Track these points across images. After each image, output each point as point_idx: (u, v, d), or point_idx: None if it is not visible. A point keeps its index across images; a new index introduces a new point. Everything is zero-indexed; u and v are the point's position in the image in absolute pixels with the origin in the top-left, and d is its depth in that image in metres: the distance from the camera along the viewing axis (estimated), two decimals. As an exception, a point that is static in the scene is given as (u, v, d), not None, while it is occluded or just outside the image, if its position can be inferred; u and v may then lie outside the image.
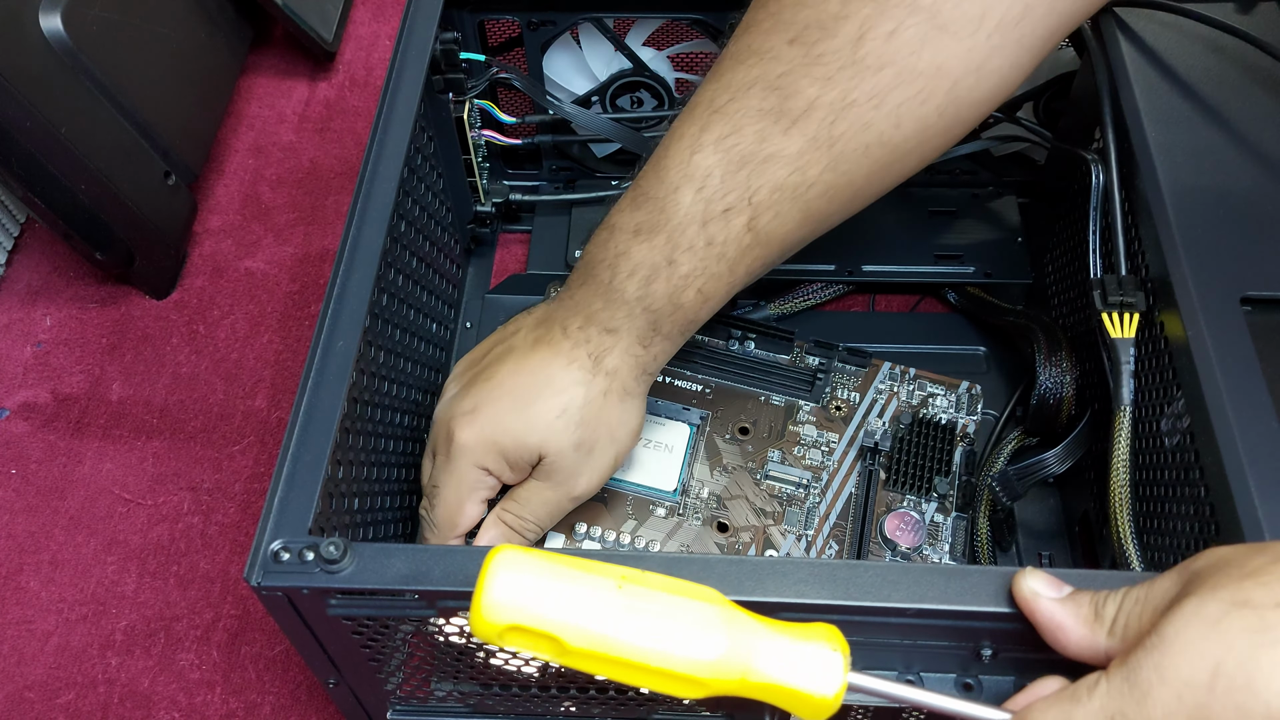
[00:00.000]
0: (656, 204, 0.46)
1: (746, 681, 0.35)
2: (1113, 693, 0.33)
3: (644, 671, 0.35)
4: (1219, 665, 0.30)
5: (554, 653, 0.35)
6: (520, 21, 0.63)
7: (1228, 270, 0.46)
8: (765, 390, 0.61)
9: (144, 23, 0.71)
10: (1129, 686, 0.32)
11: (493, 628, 0.35)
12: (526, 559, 0.35)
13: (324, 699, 0.57)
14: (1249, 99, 0.53)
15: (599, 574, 0.36)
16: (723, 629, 0.35)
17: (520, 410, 0.48)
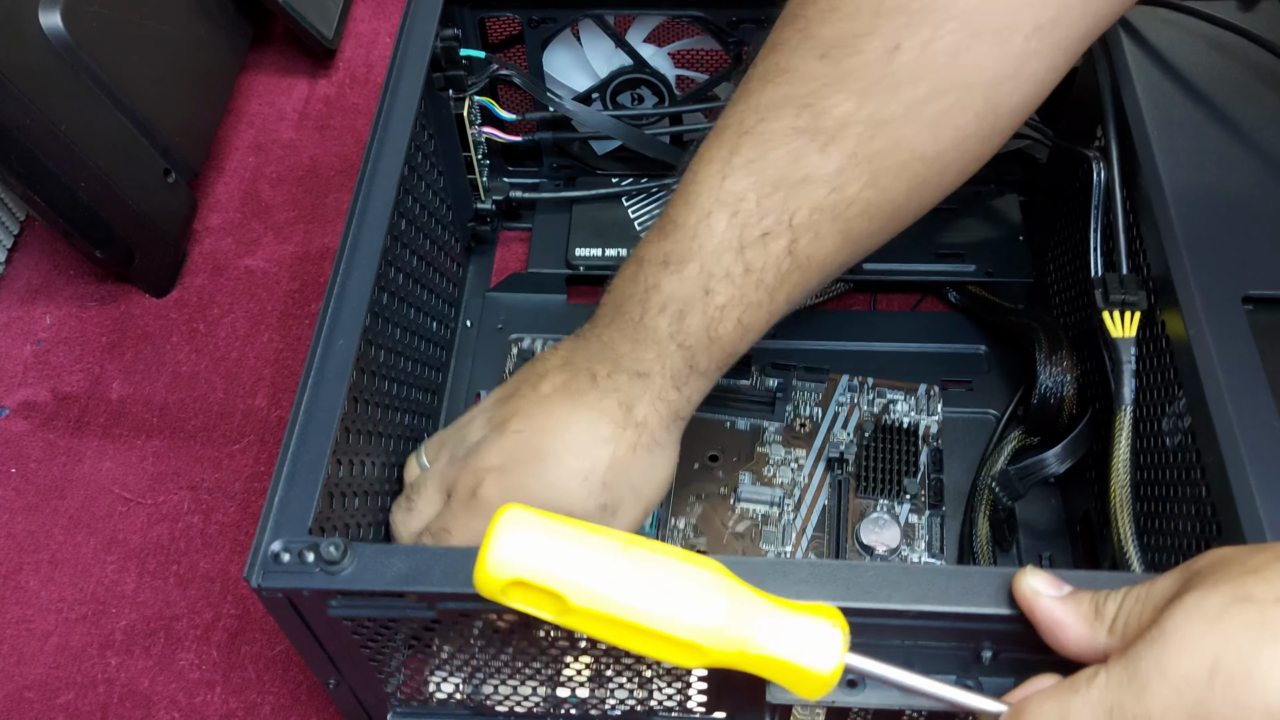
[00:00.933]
0: (687, 231, 0.44)
1: (745, 653, 0.35)
2: (1111, 685, 0.32)
3: (644, 635, 0.35)
4: (1218, 660, 0.30)
5: (556, 611, 0.35)
6: (521, 18, 0.63)
7: (1229, 269, 0.46)
8: (730, 416, 0.61)
9: (144, 20, 0.71)
10: (1128, 678, 0.32)
11: (496, 582, 0.34)
12: (534, 518, 0.35)
13: (324, 699, 0.57)
14: (1251, 97, 0.53)
15: (605, 536, 0.35)
16: (724, 597, 0.35)
17: (545, 474, 0.45)
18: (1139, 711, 0.31)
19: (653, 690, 0.46)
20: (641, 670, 0.44)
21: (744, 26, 0.62)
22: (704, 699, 0.46)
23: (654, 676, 0.45)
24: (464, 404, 0.64)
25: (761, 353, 0.64)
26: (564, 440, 0.45)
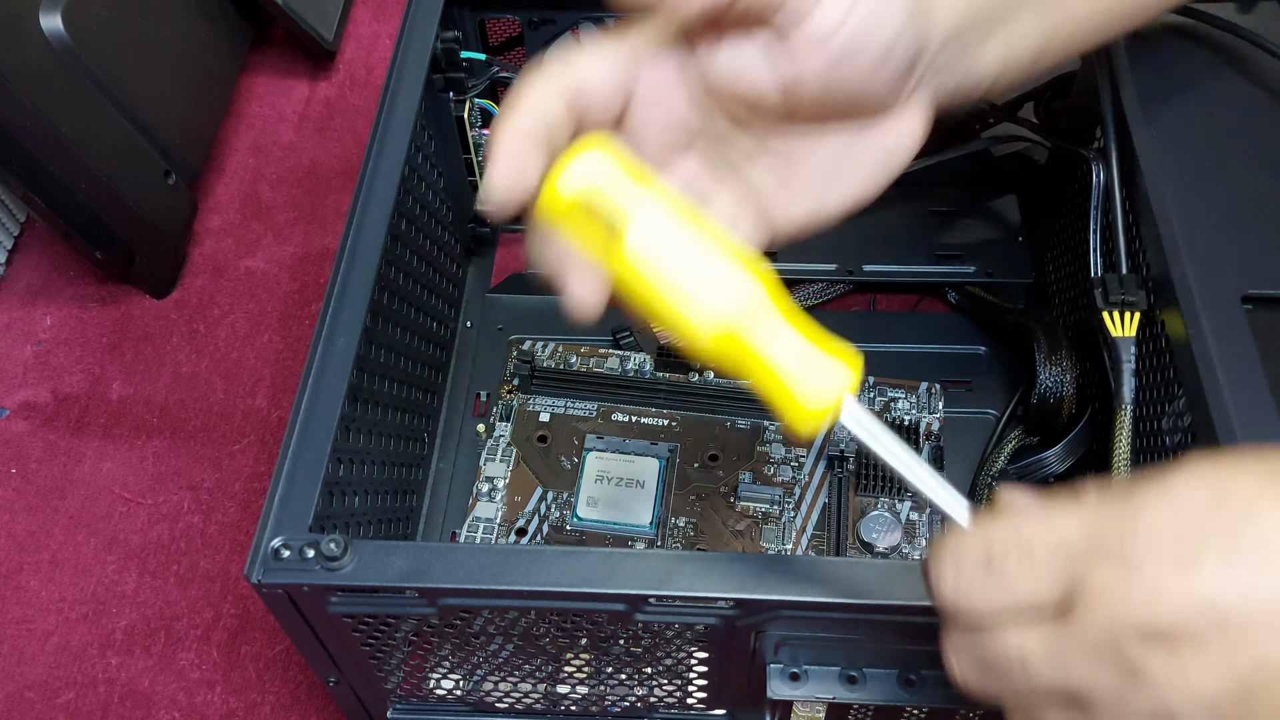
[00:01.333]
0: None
1: (751, 352, 0.34)
2: (1101, 502, 0.30)
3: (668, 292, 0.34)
4: (1226, 494, 0.28)
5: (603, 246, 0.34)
6: (521, 20, 0.63)
7: (1229, 269, 0.46)
8: (730, 416, 0.62)
9: (144, 22, 0.71)
10: (1122, 499, 0.30)
11: (560, 201, 0.34)
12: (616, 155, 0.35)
13: (324, 698, 0.57)
14: (1250, 98, 0.53)
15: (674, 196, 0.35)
16: (756, 289, 0.34)
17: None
18: (1125, 527, 0.29)
19: (653, 688, 0.46)
20: (641, 668, 0.44)
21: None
22: (704, 696, 0.47)
23: (654, 674, 0.45)
24: (464, 404, 0.64)
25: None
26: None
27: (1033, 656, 0.30)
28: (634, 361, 0.63)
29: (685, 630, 0.41)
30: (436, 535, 0.59)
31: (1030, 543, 0.30)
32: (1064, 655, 0.29)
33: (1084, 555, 0.29)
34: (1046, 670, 0.30)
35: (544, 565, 0.39)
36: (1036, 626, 0.30)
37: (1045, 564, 0.30)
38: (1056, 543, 0.30)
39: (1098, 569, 0.29)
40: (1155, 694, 0.28)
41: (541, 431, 0.61)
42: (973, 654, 0.32)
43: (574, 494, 0.59)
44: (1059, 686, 0.30)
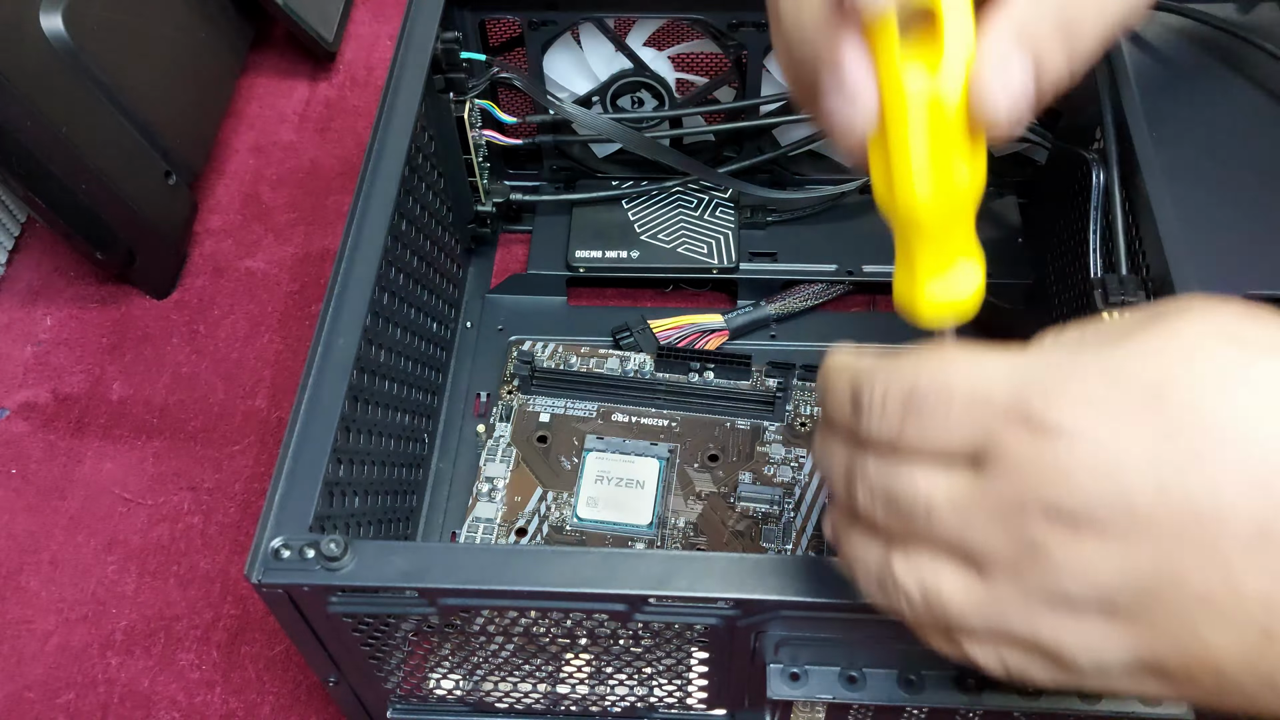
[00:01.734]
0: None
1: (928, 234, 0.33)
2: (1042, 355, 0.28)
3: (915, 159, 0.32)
4: (1170, 374, 0.26)
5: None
6: (521, 21, 0.63)
7: (1229, 269, 0.46)
8: (730, 416, 0.62)
9: (144, 23, 0.71)
10: (1063, 355, 0.28)
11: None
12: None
13: (324, 698, 0.57)
14: (1249, 99, 0.53)
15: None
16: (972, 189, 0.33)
17: None
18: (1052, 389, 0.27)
19: (653, 688, 0.46)
20: (641, 668, 0.44)
21: (744, 30, 0.62)
22: (704, 696, 0.47)
23: (654, 674, 0.45)
24: (464, 404, 0.64)
25: (761, 353, 0.64)
26: None
27: (938, 505, 0.29)
28: (634, 362, 0.63)
29: (685, 630, 0.41)
30: (436, 535, 0.59)
31: (951, 388, 0.29)
32: (968, 512, 0.28)
33: (1002, 413, 0.27)
34: (948, 521, 0.28)
35: (544, 565, 0.39)
36: (948, 474, 0.29)
37: (962, 414, 0.28)
38: (979, 393, 0.28)
39: (1011, 432, 0.27)
40: (1051, 573, 0.27)
41: (541, 432, 0.61)
42: (874, 482, 0.30)
43: (574, 494, 0.59)
44: (957, 541, 0.28)
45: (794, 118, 0.67)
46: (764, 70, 0.65)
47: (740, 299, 0.68)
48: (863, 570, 0.32)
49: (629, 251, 0.68)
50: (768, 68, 0.65)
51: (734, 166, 0.69)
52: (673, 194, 0.70)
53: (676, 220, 0.69)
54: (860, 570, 0.32)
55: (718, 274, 0.67)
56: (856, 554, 0.32)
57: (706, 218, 0.69)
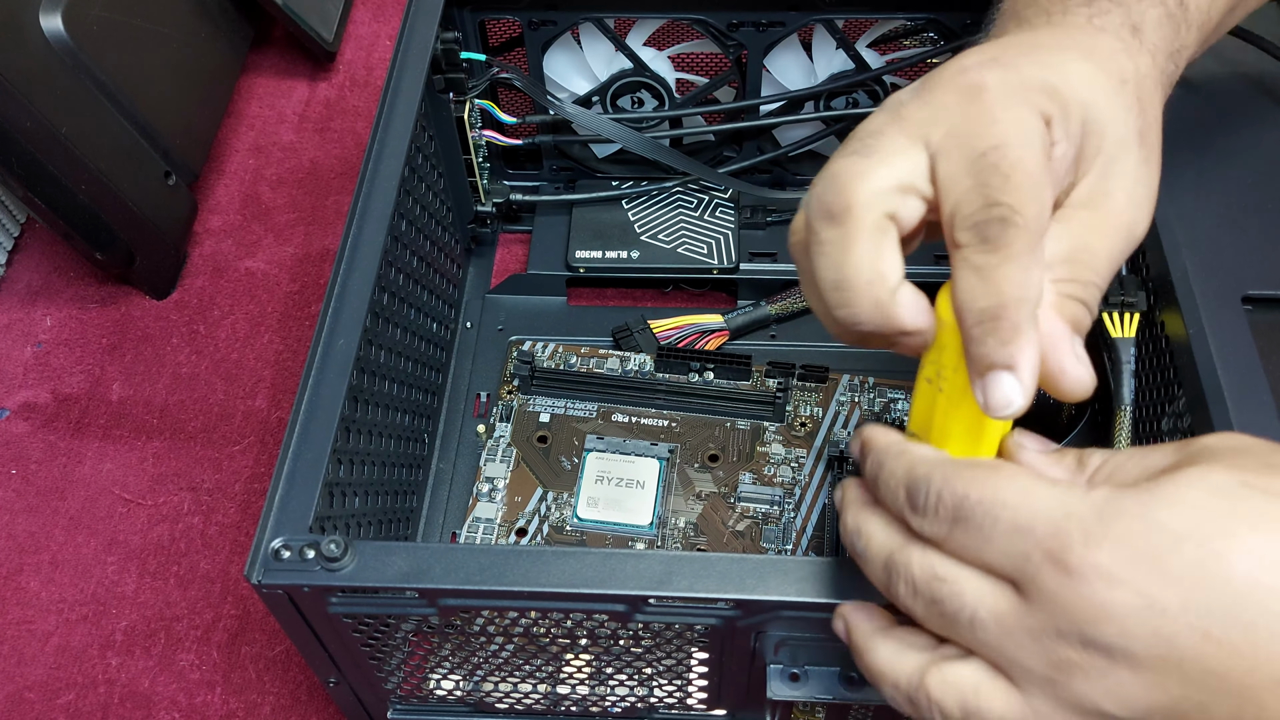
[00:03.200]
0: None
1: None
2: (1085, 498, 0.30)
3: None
4: (1199, 527, 0.28)
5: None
6: (521, 21, 0.63)
7: (1229, 269, 0.46)
8: (730, 416, 0.62)
9: (144, 23, 0.71)
10: (1104, 502, 0.29)
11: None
12: None
13: (324, 699, 0.57)
14: (1249, 98, 0.53)
15: None
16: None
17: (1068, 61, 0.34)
18: (1091, 533, 0.29)
19: (653, 688, 0.46)
20: (642, 669, 0.44)
21: (744, 30, 0.62)
22: (704, 696, 0.47)
23: (654, 675, 0.45)
24: (464, 404, 0.64)
25: (761, 353, 0.64)
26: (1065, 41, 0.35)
27: (983, 619, 0.30)
28: (634, 362, 0.63)
29: (685, 631, 0.41)
30: (437, 536, 0.59)
31: (998, 513, 0.30)
32: (1011, 629, 0.30)
33: (1043, 547, 0.29)
34: (991, 634, 0.30)
35: (544, 566, 0.39)
36: (994, 590, 0.31)
37: (1006, 540, 0.30)
38: (1023, 523, 0.30)
39: (1049, 568, 0.29)
40: (1088, 693, 0.29)
41: (541, 432, 0.61)
42: (919, 578, 0.32)
43: (574, 494, 0.59)
44: (997, 653, 0.30)
45: (794, 118, 0.67)
46: (764, 70, 0.65)
47: (740, 299, 0.68)
48: (892, 682, 0.33)
49: (629, 251, 0.68)
50: (767, 68, 0.65)
51: (734, 166, 0.69)
52: (673, 194, 0.70)
53: (676, 220, 0.69)
54: (889, 681, 0.33)
55: (718, 274, 0.67)
56: (889, 664, 0.33)
57: (706, 218, 0.69)
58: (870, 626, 0.35)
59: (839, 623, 0.36)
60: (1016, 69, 0.33)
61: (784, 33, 0.63)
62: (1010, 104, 0.33)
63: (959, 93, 0.33)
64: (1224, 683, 0.28)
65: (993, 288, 0.31)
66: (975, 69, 0.33)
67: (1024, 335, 0.31)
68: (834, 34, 0.63)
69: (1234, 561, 0.28)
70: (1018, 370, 0.31)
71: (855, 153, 0.34)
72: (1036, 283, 0.31)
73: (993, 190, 0.31)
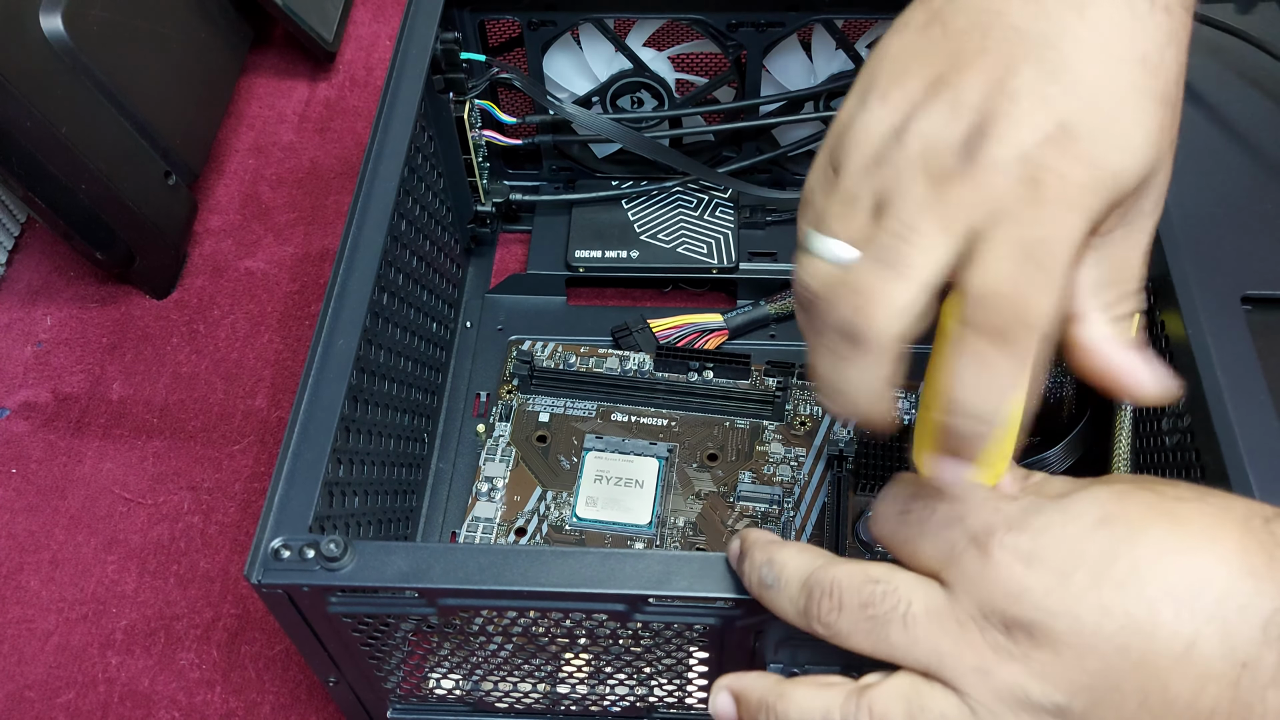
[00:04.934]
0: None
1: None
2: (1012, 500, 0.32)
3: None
4: (1110, 515, 0.31)
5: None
6: (521, 21, 0.63)
7: (1228, 269, 0.46)
8: (729, 416, 0.62)
9: (144, 23, 0.71)
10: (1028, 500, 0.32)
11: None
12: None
13: (324, 698, 0.57)
14: (1249, 99, 0.53)
15: None
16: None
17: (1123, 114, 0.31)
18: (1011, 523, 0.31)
19: (652, 688, 0.46)
20: (641, 668, 0.44)
21: (743, 30, 0.62)
22: (704, 696, 0.47)
23: (654, 674, 0.45)
24: (464, 404, 0.64)
25: (761, 353, 0.64)
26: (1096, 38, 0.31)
27: (916, 614, 0.32)
28: (634, 361, 0.63)
29: (685, 630, 0.41)
30: (436, 535, 0.59)
31: (935, 508, 0.33)
32: (943, 623, 0.31)
33: (966, 540, 0.32)
34: (922, 633, 0.32)
35: (544, 565, 0.39)
36: (925, 586, 0.32)
37: (936, 533, 0.32)
38: (954, 518, 0.32)
39: (970, 555, 0.31)
40: (1015, 678, 0.30)
41: (541, 431, 0.61)
42: (852, 584, 0.33)
43: (573, 494, 0.59)
44: (928, 651, 0.31)
45: (794, 118, 0.67)
46: (763, 70, 0.65)
47: (740, 299, 0.69)
48: (822, 711, 0.33)
49: (629, 251, 0.68)
50: (767, 68, 0.65)
51: (734, 166, 0.69)
52: (672, 194, 0.70)
53: (676, 220, 0.69)
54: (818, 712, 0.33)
55: (717, 274, 0.67)
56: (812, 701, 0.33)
57: (706, 218, 0.69)
58: (770, 680, 0.35)
59: (722, 697, 0.36)
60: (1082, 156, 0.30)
61: (783, 33, 0.63)
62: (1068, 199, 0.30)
63: (1019, 184, 0.30)
64: (1130, 659, 0.29)
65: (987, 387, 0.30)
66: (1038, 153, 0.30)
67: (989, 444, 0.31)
68: (834, 34, 0.63)
69: (1139, 545, 0.30)
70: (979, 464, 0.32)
71: (885, 261, 0.30)
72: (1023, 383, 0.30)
73: (1024, 281, 0.29)
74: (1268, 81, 0.54)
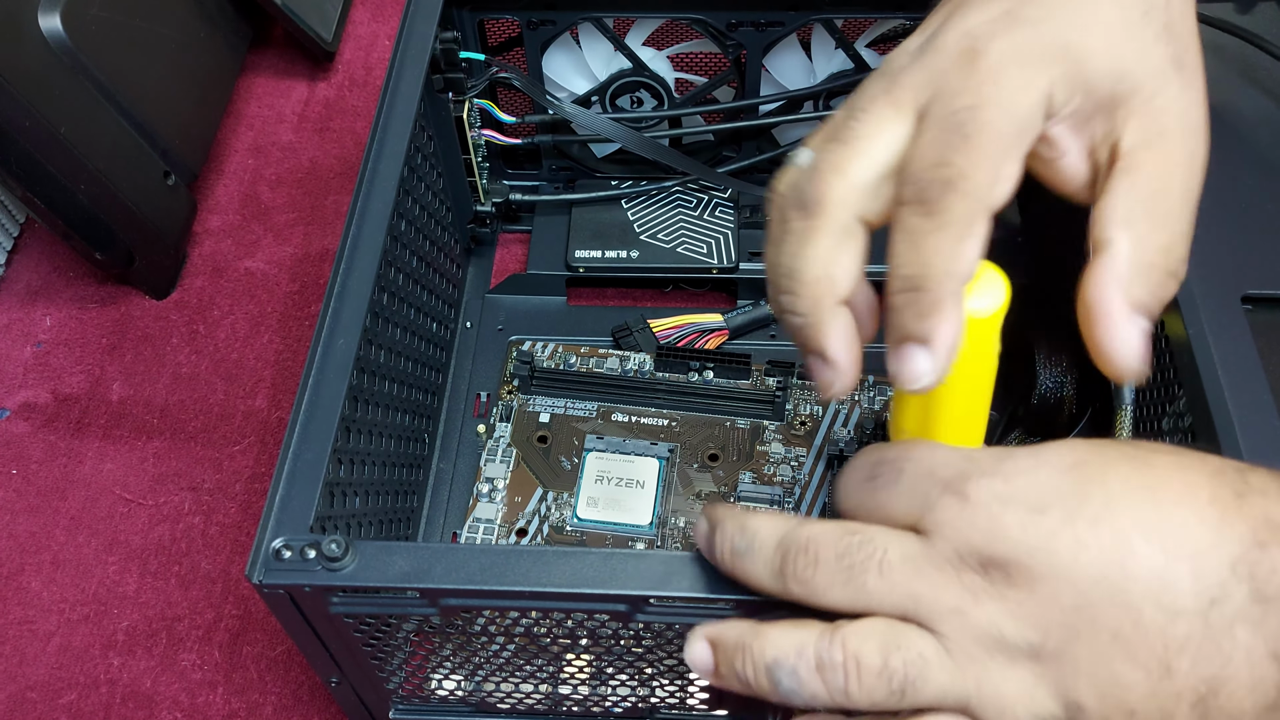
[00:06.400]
0: None
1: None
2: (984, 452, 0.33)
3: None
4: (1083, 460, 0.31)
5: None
6: (520, 21, 0.63)
7: (1228, 269, 0.46)
8: (730, 416, 0.62)
9: (144, 23, 0.71)
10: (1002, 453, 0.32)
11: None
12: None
13: (326, 698, 0.57)
14: (1249, 98, 0.53)
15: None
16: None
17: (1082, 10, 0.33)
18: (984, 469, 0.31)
19: (655, 688, 0.46)
20: (643, 669, 0.44)
21: (742, 29, 0.62)
22: (705, 697, 0.47)
23: (655, 675, 0.45)
24: (464, 404, 0.64)
25: (761, 353, 0.64)
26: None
27: (892, 561, 0.32)
28: (634, 361, 0.63)
29: (686, 630, 0.41)
30: (437, 536, 0.59)
31: (903, 466, 0.33)
32: (919, 567, 0.31)
33: (940, 488, 0.32)
34: (898, 578, 0.31)
35: (545, 566, 0.39)
36: (901, 536, 0.32)
37: (908, 487, 0.32)
38: (925, 471, 0.32)
39: (947, 500, 0.31)
40: (991, 617, 0.30)
41: (541, 432, 0.61)
42: (828, 538, 0.33)
43: (574, 494, 0.59)
44: (904, 595, 0.31)
45: (794, 117, 0.67)
46: (763, 70, 0.65)
47: (740, 299, 0.68)
48: (796, 650, 0.33)
49: (629, 251, 0.68)
50: (767, 67, 0.65)
51: (734, 166, 0.69)
52: (672, 194, 0.70)
53: (676, 220, 0.69)
54: (792, 651, 0.33)
55: (717, 274, 0.67)
56: (786, 639, 0.33)
57: (706, 218, 0.69)
58: (743, 626, 0.34)
59: (698, 645, 0.35)
60: (1024, 28, 0.33)
61: (783, 32, 0.63)
62: (1006, 67, 0.32)
63: (958, 56, 0.33)
64: (1103, 592, 0.29)
65: (920, 256, 0.32)
66: (981, 29, 0.33)
67: (942, 311, 0.32)
68: (833, 34, 0.63)
69: (1111, 483, 0.30)
70: (932, 346, 0.33)
71: (838, 139, 0.34)
72: (970, 257, 0.33)
73: (948, 149, 0.32)
74: (1268, 81, 0.54)
